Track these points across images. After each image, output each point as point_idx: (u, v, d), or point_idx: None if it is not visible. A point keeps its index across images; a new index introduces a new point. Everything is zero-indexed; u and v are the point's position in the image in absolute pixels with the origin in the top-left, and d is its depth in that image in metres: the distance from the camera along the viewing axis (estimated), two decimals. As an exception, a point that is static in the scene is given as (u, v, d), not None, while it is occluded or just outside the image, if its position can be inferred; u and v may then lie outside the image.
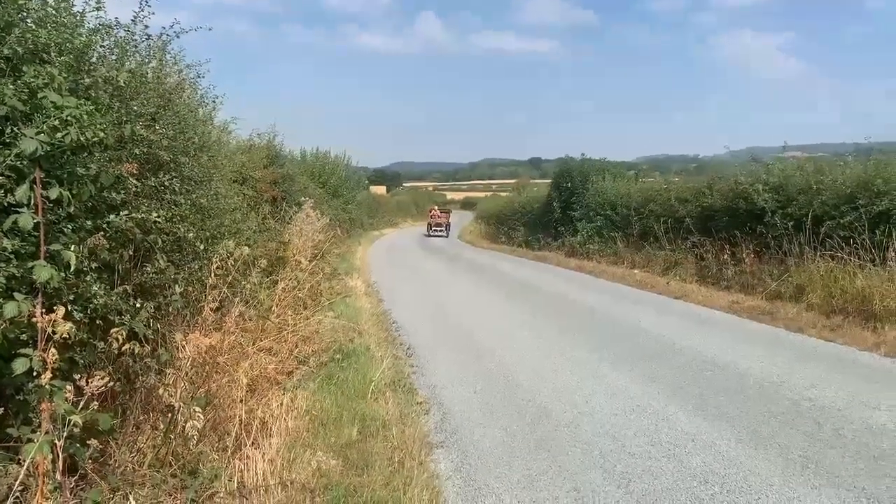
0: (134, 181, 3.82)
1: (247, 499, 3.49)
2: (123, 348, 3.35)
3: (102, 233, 3.45)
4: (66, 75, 3.46)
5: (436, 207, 44.50)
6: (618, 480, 4.20)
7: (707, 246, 13.68)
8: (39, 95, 3.18)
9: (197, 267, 4.86)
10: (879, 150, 11.80)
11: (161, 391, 3.67)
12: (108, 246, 3.42)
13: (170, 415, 3.81)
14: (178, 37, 5.20)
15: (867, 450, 4.57)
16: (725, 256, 12.80)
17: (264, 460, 3.97)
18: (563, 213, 22.59)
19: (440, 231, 39.29)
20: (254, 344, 5.75)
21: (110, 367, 3.62)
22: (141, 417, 3.90)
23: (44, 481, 2.55)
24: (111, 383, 3.11)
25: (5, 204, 2.96)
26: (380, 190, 72.16)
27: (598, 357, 7.46)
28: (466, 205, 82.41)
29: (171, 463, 3.59)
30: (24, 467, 2.56)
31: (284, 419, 4.77)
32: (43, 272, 2.80)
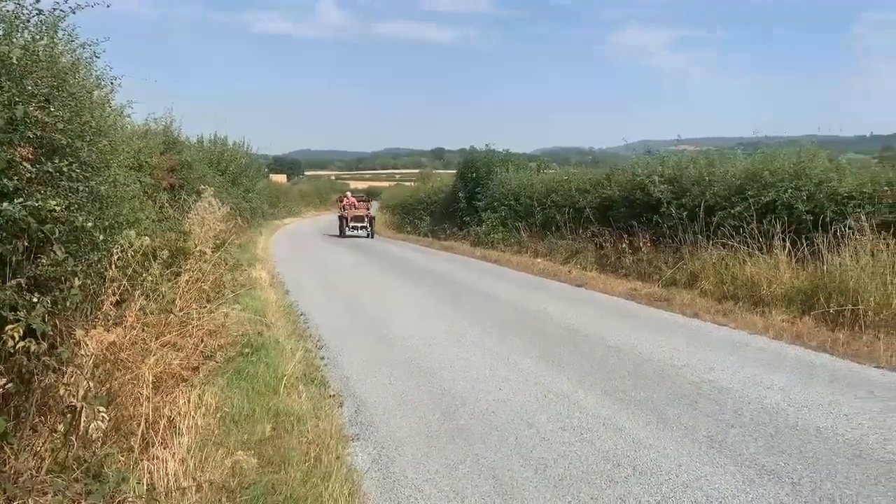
0: (28, 167, 3.54)
1: (159, 502, 3.32)
2: (18, 346, 3.11)
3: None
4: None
5: (349, 193, 31.40)
6: (535, 466, 4.27)
7: (606, 235, 14.13)
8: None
9: (96, 259, 4.58)
10: (766, 144, 12.53)
11: (61, 391, 3.43)
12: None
13: (69, 416, 3.57)
14: (73, 12, 4.85)
15: (764, 428, 4.85)
16: (624, 245, 13.27)
17: (175, 460, 3.79)
18: (469, 203, 22.81)
19: (360, 229, 27.77)
20: (157, 339, 5.48)
21: (1, 367, 3.35)
22: (37, 420, 3.63)
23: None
24: (6, 384, 2.88)
25: None
26: (280, 178, 70.52)
27: (509, 345, 7.57)
28: (370, 194, 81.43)
29: (73, 467, 3.37)
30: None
31: (193, 417, 4.57)
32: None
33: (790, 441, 4.59)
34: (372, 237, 27.29)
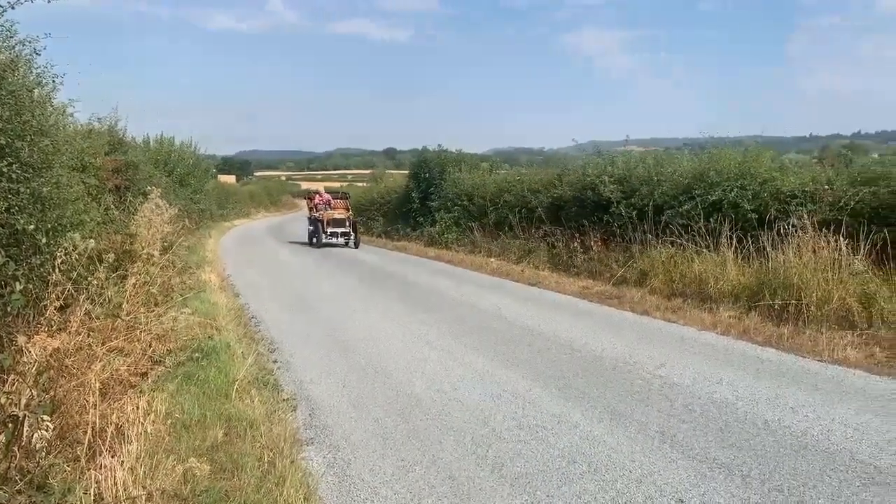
0: (-36, 167, 3.39)
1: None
2: (-45, 355, 2.98)
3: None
4: None
5: (322, 190, 25.80)
6: (491, 465, 4.28)
7: (558, 235, 14.29)
8: None
9: (38, 262, 4.42)
10: (713, 144, 12.83)
11: (2, 400, 3.30)
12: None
13: (11, 426, 3.44)
14: (12, 8, 4.67)
15: (714, 422, 4.95)
16: (575, 244, 13.45)
17: (123, 469, 3.68)
18: (422, 203, 22.79)
19: (342, 235, 21.66)
20: (103, 344, 5.32)
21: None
22: (-24, 431, 3.48)
23: None
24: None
25: None
26: (229, 179, 69.42)
27: (463, 344, 7.59)
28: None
29: (16, 479, 3.24)
30: None
31: (142, 424, 4.45)
32: None
33: (739, 434, 4.70)
34: (357, 246, 21.21)
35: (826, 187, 9.43)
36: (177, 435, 4.55)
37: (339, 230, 21.51)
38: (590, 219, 13.37)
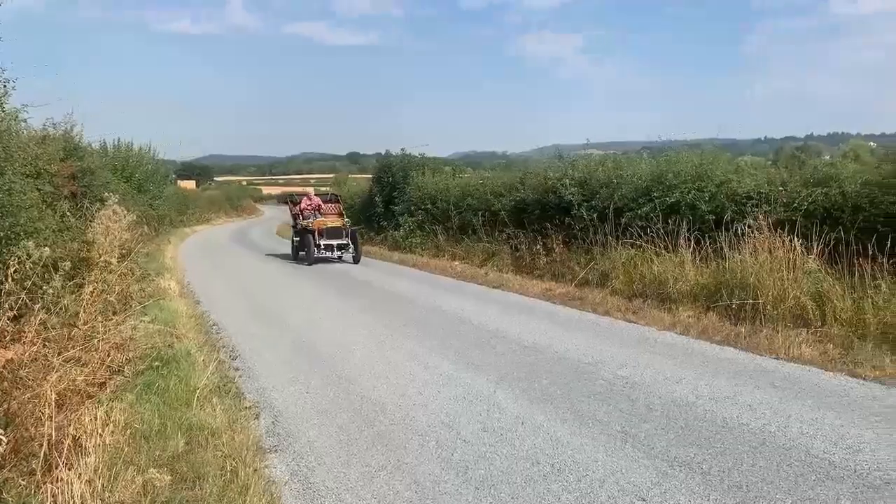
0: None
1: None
2: None
3: None
4: None
5: (311, 192, 22.14)
6: (456, 469, 4.29)
7: (521, 237, 14.37)
8: None
9: (-10, 272, 4.31)
10: (670, 147, 13.05)
11: (-47, 415, 3.21)
12: None
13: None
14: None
15: (675, 421, 5.04)
16: (538, 247, 13.55)
17: (81, 482, 3.61)
18: (386, 207, 22.73)
19: (338, 249, 17.58)
20: (59, 354, 5.20)
21: None
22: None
23: None
24: None
25: None
26: (189, 185, 68.39)
27: (428, 348, 7.59)
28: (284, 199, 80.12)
29: (-32, 496, 3.16)
30: None
31: (101, 435, 4.37)
32: None
33: (699, 433, 4.79)
34: (358, 261, 17.15)
35: (780, 188, 9.65)
36: (136, 446, 4.47)
37: (336, 242, 17.12)
38: (552, 221, 13.49)
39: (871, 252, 7.68)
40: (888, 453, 4.36)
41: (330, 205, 19.39)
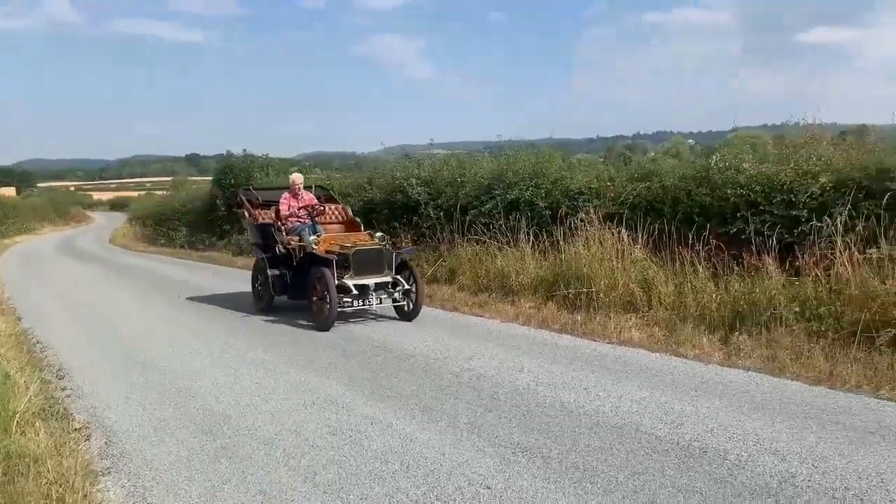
0: None
1: None
2: None
3: None
4: None
5: (297, 180, 10.44)
6: (303, 475, 4.22)
7: (371, 237, 14.35)
8: None
9: None
10: (509, 146, 13.57)
11: None
12: None
13: None
14: None
15: (518, 409, 5.25)
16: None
17: None
18: (229, 210, 21.92)
19: (377, 289, 8.87)
20: None
21: None
22: None
23: None
24: None
25: None
26: (8, 192, 62.68)
27: (275, 356, 7.41)
28: (117, 205, 75.78)
29: None
30: None
31: None
32: None
33: (540, 419, 5.02)
34: (418, 313, 9.02)
35: (609, 184, 10.30)
36: (-58, 482, 4.02)
37: (375, 280, 8.94)
38: (400, 220, 13.59)
39: (689, 241, 8.37)
40: (705, 425, 4.78)
41: (333, 206, 11.32)
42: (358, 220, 11.20)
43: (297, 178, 10.58)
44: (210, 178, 28.08)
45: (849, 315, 6.53)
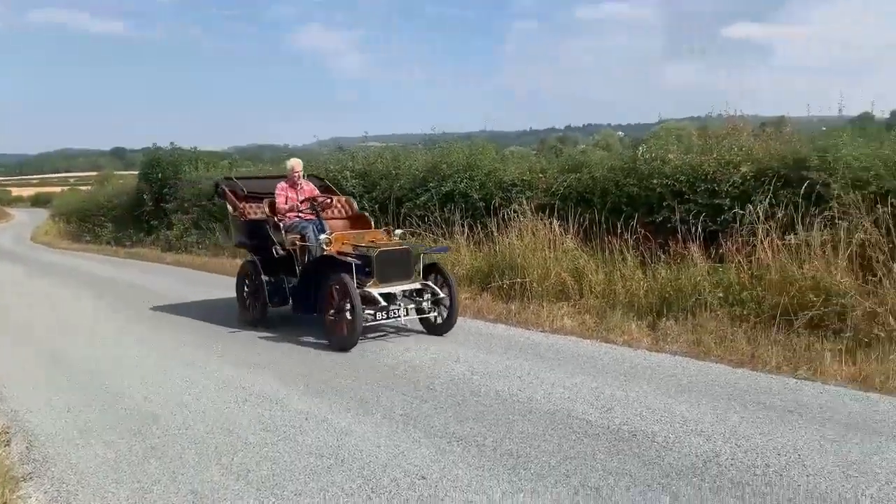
0: None
1: None
2: None
3: None
4: None
5: (296, 166, 8.70)
6: (236, 473, 4.15)
7: (304, 231, 14.17)
8: None
9: None
10: (444, 139, 13.62)
11: None
12: None
13: None
14: None
15: (453, 399, 5.29)
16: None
17: None
18: (156, 205, 21.32)
19: (404, 298, 7.35)
20: None
21: None
22: None
23: None
24: None
25: None
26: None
27: (207, 353, 7.26)
28: (39, 201, 72.80)
29: None
30: None
31: None
32: None
33: (475, 408, 5.07)
34: (452, 325, 7.46)
35: (541, 175, 10.45)
36: None
37: (402, 287, 7.41)
38: (333, 213, 13.47)
39: (618, 230, 8.58)
40: (635, 409, 4.92)
41: (340, 199, 9.68)
42: (367, 214, 9.66)
43: (296, 164, 8.74)
44: (136, 173, 27.20)
45: (769, 299, 6.82)
